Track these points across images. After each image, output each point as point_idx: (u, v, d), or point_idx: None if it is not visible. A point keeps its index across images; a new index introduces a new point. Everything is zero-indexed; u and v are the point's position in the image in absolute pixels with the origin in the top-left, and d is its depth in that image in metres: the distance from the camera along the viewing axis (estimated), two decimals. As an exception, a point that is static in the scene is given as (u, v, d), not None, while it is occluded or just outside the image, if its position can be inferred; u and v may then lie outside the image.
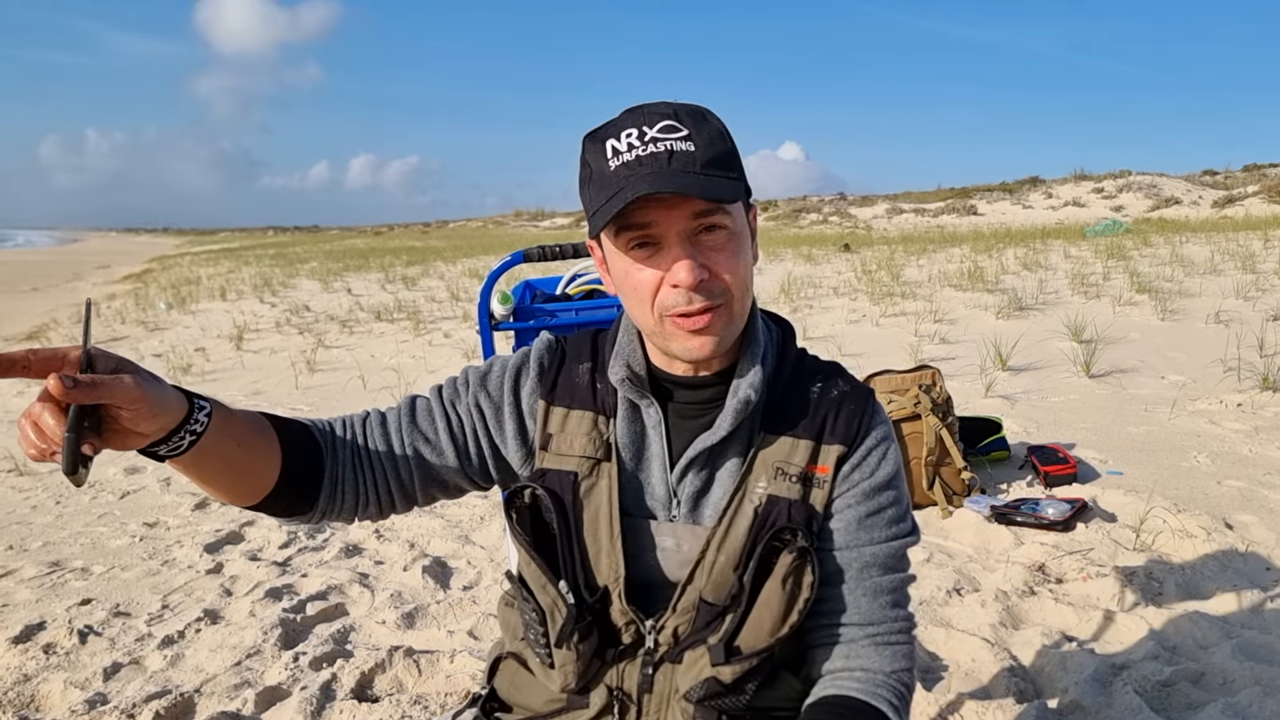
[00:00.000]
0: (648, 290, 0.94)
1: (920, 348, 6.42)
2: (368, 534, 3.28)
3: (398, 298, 11.30)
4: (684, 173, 0.88)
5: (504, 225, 44.86)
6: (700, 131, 0.91)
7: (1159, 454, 3.80)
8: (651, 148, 0.89)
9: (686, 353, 0.97)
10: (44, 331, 10.57)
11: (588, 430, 1.05)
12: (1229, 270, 8.84)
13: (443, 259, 18.41)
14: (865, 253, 13.43)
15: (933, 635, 2.32)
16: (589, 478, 1.03)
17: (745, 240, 0.97)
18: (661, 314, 0.94)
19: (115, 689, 2.22)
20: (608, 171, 0.91)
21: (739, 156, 0.95)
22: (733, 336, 0.99)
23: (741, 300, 0.96)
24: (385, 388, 6.19)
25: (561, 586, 1.00)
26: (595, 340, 1.12)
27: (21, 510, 3.74)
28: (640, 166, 0.89)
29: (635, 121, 0.91)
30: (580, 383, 1.08)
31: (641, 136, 0.90)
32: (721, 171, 0.91)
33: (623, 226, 0.91)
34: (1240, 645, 2.14)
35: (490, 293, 2.02)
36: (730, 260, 0.93)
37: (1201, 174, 28.83)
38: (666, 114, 0.92)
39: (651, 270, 0.93)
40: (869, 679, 0.99)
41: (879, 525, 1.01)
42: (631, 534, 1.02)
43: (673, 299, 0.93)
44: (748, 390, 0.99)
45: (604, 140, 0.92)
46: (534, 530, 1.03)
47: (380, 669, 2.25)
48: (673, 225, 0.91)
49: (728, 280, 0.93)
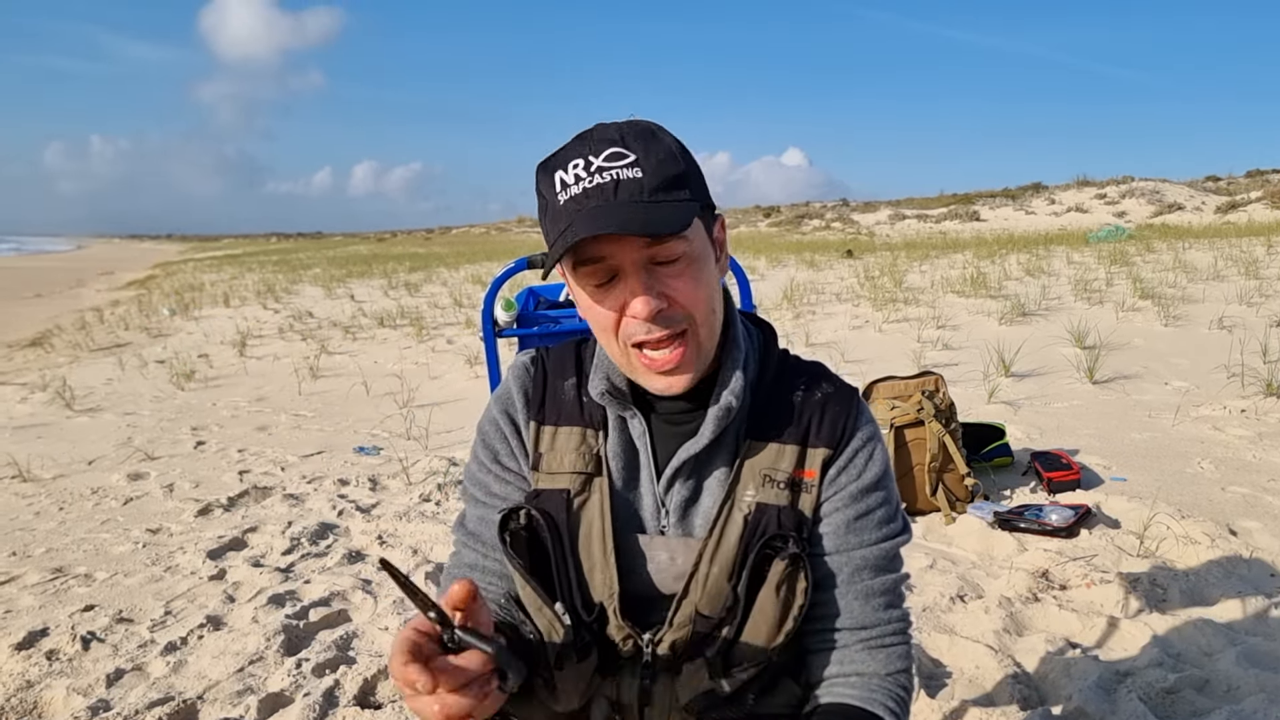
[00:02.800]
0: (609, 321, 0.93)
1: (923, 354, 6.41)
2: (371, 540, 3.28)
3: (401, 304, 11.32)
4: (630, 203, 0.87)
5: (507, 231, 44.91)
6: (649, 155, 0.89)
7: (1163, 460, 3.79)
8: (598, 178, 0.88)
9: (658, 390, 0.97)
10: (48, 338, 10.60)
11: (576, 445, 1.04)
12: (1232, 276, 8.83)
13: (446, 265, 18.44)
14: (868, 259, 13.43)
15: (936, 642, 2.32)
16: (581, 494, 1.02)
17: (705, 260, 0.95)
18: (626, 343, 0.94)
19: (118, 696, 2.22)
20: (558, 205, 0.90)
21: (696, 173, 0.93)
22: (705, 362, 0.98)
23: (707, 323, 0.95)
24: (388, 394, 6.20)
25: (558, 608, 0.99)
26: (578, 351, 1.11)
27: (24, 517, 3.75)
28: (587, 200, 0.88)
29: (582, 150, 0.90)
30: (566, 399, 1.07)
31: (588, 167, 0.89)
32: (671, 195, 0.89)
33: (578, 261, 0.91)
34: (1245, 652, 2.13)
35: (494, 299, 2.02)
36: (689, 286, 0.92)
37: (1204, 180, 28.82)
38: (614, 140, 0.90)
39: (611, 301, 0.92)
40: (866, 684, 0.99)
41: (869, 527, 1.01)
42: (625, 549, 1.01)
43: (634, 329, 0.92)
44: (729, 397, 0.99)
45: (553, 172, 0.91)
46: (529, 552, 1.02)
47: (383, 675, 2.25)
48: (626, 256, 0.90)
49: (688, 305, 0.92)
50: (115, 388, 7.06)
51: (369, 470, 4.26)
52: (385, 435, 5.06)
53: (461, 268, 17.30)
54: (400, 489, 3.93)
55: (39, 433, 5.48)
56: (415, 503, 3.68)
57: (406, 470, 4.16)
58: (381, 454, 4.61)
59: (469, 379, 6.61)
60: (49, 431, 5.51)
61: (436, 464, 4.24)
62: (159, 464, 4.57)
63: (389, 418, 5.48)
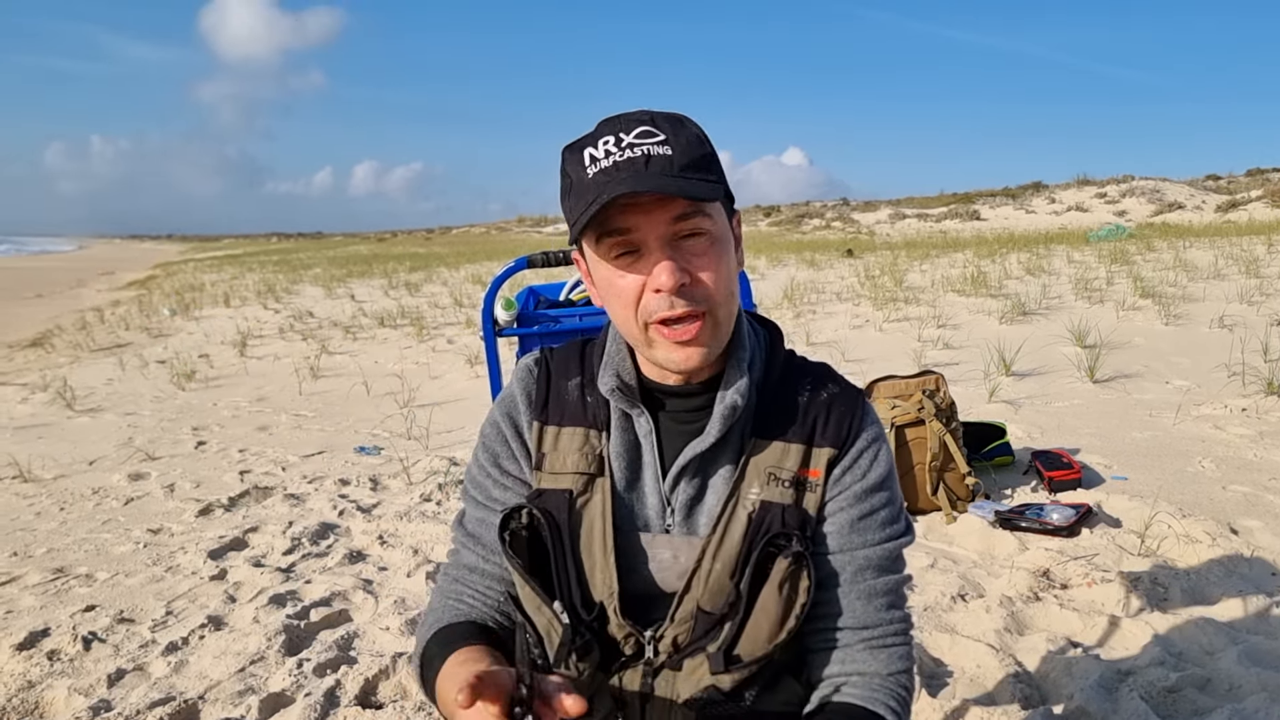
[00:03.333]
0: (631, 296, 0.94)
1: (924, 353, 6.41)
2: (371, 540, 3.28)
3: (401, 304, 11.33)
4: (661, 175, 0.89)
5: (507, 231, 44.94)
6: (678, 136, 0.91)
7: (1163, 459, 3.79)
8: (629, 153, 0.90)
9: (673, 363, 0.97)
10: (48, 338, 10.60)
11: (580, 446, 1.04)
12: (1233, 275, 8.83)
13: (446, 265, 18.46)
14: (868, 258, 13.43)
15: (937, 641, 2.32)
16: (584, 494, 1.03)
17: (728, 245, 0.96)
18: (646, 321, 0.94)
19: (119, 696, 2.22)
20: (586, 179, 0.91)
21: (718, 161, 0.96)
22: (720, 345, 0.98)
23: (726, 306, 0.96)
24: (389, 393, 6.20)
25: (556, 607, 0.99)
26: (583, 352, 1.11)
27: (25, 517, 3.75)
28: (618, 171, 0.89)
29: (612, 129, 0.92)
30: (570, 399, 1.07)
31: (619, 143, 0.90)
32: (700, 174, 0.91)
33: (603, 232, 0.92)
34: (1246, 651, 2.13)
35: (494, 299, 2.02)
36: (712, 264, 0.93)
37: (1205, 178, 28.82)
38: (643, 120, 0.92)
39: (633, 276, 0.93)
40: (867, 683, 0.99)
41: (872, 527, 1.01)
42: (627, 548, 1.02)
43: (655, 304, 0.93)
44: (735, 396, 0.99)
45: (582, 150, 0.93)
46: (529, 551, 1.03)
47: (384, 675, 2.25)
48: (653, 229, 0.91)
49: (709, 284, 0.93)
50: (116, 388, 7.07)
51: (370, 470, 4.26)
52: (386, 435, 5.06)
53: (462, 267, 17.31)
54: (401, 489, 3.93)
55: (40, 433, 5.49)
56: (416, 502, 3.69)
57: (407, 470, 4.16)
58: (382, 454, 4.61)
59: (469, 379, 6.61)
60: (50, 432, 5.52)
61: (437, 464, 4.24)
62: (160, 464, 4.57)
63: (389, 417, 5.48)
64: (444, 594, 1.11)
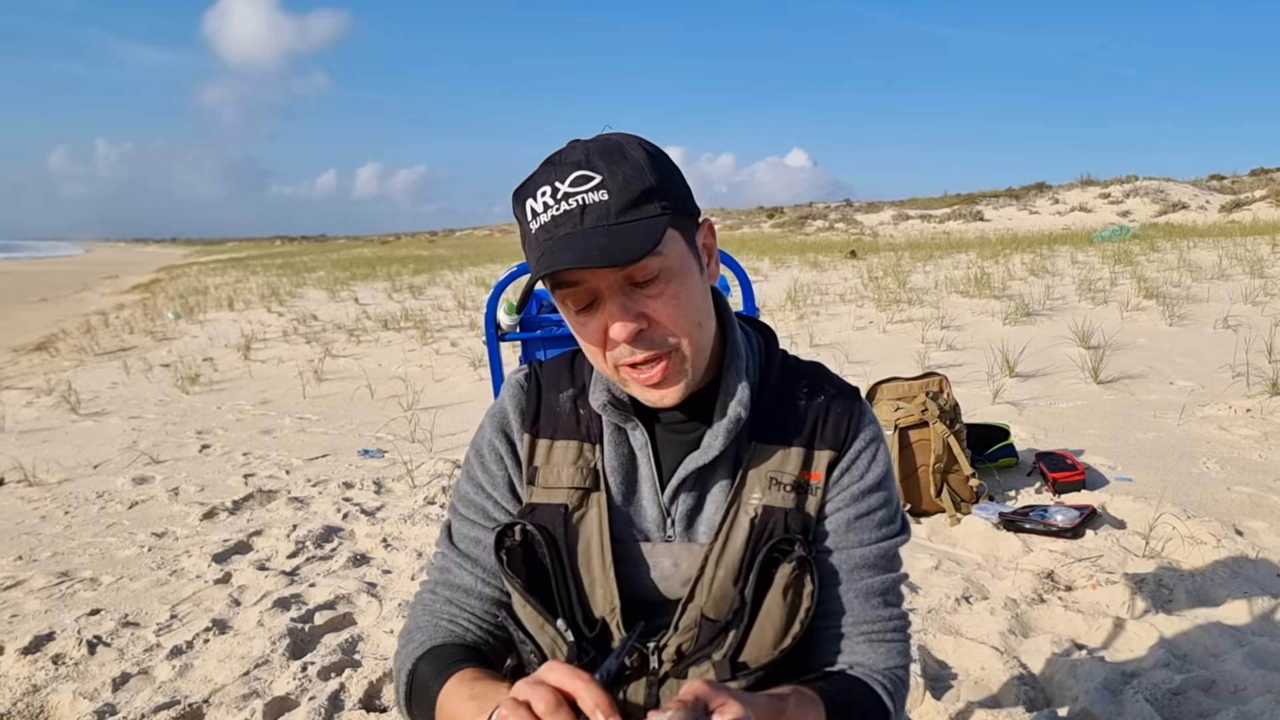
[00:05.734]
0: (597, 342, 0.93)
1: (927, 354, 6.40)
2: (375, 543, 3.28)
3: (405, 307, 11.34)
4: (597, 229, 0.87)
5: (511, 234, 44.94)
6: (614, 174, 0.88)
7: (1168, 460, 3.78)
8: (564, 205, 0.88)
9: (650, 403, 0.96)
10: (53, 342, 10.63)
11: (573, 460, 1.03)
12: (1237, 275, 8.81)
13: (450, 268, 18.48)
14: (872, 259, 13.43)
15: (942, 643, 2.31)
16: (579, 509, 1.01)
17: (686, 274, 0.93)
18: (615, 364, 0.94)
19: (124, 699, 2.23)
20: (530, 233, 0.91)
21: (669, 183, 0.92)
22: (696, 376, 0.97)
23: (692, 336, 0.94)
24: (392, 397, 6.20)
25: (560, 625, 0.98)
26: (573, 363, 1.10)
27: (30, 521, 3.76)
28: (556, 228, 0.88)
29: (549, 176, 0.90)
30: (562, 411, 1.06)
31: (555, 193, 0.89)
32: (640, 212, 0.88)
33: (555, 286, 0.91)
34: (1251, 653, 2.12)
35: (497, 303, 2.02)
36: (669, 303, 0.91)
37: (1209, 179, 28.77)
38: (579, 162, 0.89)
39: (594, 324, 0.92)
40: (863, 671, 0.99)
41: (869, 527, 1.01)
42: (627, 560, 1.01)
43: (618, 351, 0.92)
44: (737, 408, 0.98)
45: (524, 200, 0.91)
46: (526, 568, 1.01)
47: (388, 679, 2.25)
48: (602, 279, 0.89)
49: (669, 324, 0.91)
50: (120, 391, 7.08)
51: (374, 473, 4.26)
52: (390, 438, 5.06)
53: (465, 270, 17.33)
54: (405, 492, 3.93)
55: (44, 437, 5.50)
56: (420, 505, 3.69)
57: (411, 473, 4.16)
58: (386, 457, 4.61)
59: (473, 382, 6.62)
60: (54, 435, 5.53)
61: (441, 466, 4.25)
62: (164, 468, 4.58)
63: (393, 420, 5.49)
64: (433, 613, 1.07)
